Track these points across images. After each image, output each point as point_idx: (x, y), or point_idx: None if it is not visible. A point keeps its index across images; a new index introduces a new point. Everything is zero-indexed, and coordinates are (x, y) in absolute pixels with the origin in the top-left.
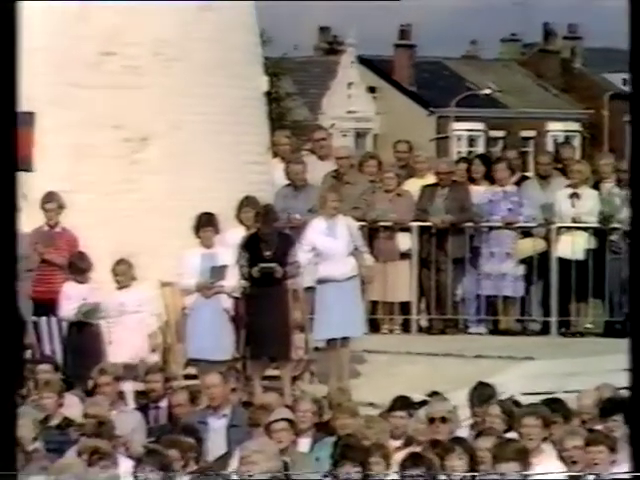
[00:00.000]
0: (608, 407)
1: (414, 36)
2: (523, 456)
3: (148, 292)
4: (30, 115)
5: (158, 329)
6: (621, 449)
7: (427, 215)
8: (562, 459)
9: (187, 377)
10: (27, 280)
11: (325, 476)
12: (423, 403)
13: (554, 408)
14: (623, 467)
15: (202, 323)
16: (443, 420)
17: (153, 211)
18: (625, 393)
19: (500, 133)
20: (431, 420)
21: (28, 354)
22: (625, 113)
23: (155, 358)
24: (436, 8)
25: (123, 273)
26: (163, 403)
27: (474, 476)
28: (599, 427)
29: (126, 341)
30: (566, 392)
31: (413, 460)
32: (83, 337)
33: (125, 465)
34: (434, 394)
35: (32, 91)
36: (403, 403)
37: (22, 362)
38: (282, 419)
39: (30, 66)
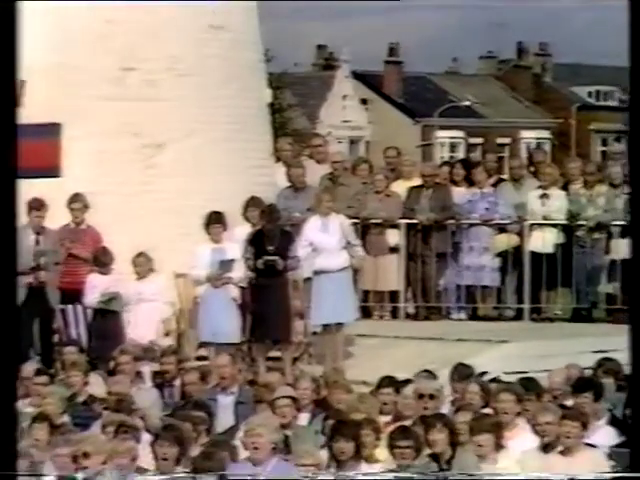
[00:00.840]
0: (579, 385)
1: (402, 53)
2: (497, 429)
3: (163, 283)
4: (57, 126)
5: (172, 316)
6: (591, 425)
7: (413, 213)
8: (536, 432)
9: (198, 358)
10: (55, 272)
11: (322, 446)
12: (407, 381)
13: (528, 386)
14: (591, 441)
15: (212, 310)
16: (431, 397)
17: (168, 210)
18: (591, 372)
19: (478, 140)
20: (420, 396)
21: (56, 338)
22: (590, 122)
23: (169, 342)
24: (421, 28)
25: (141, 265)
26: (177, 382)
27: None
28: (569, 403)
29: (143, 326)
30: (538, 372)
31: (401, 433)
32: (105, 322)
33: (144, 437)
34: (425, 372)
35: (60, 103)
36: (389, 381)
37: (51, 345)
38: (285, 396)
39: (58, 80)
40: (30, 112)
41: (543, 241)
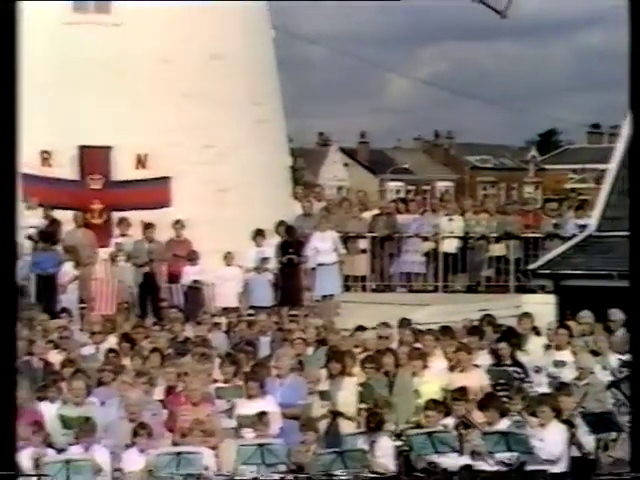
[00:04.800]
0: (471, 331)
1: (368, 136)
2: (424, 356)
3: (238, 270)
4: (168, 178)
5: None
6: (475, 355)
7: (375, 230)
8: (446, 359)
9: (249, 315)
10: (164, 265)
11: (321, 367)
12: (373, 328)
13: (444, 332)
14: (478, 362)
15: (257, 287)
16: (386, 337)
17: (233, 228)
18: (478, 323)
19: (412, 187)
20: (379, 337)
21: (165, 304)
22: (477, 177)
23: (232, 305)
24: (378, 124)
25: (229, 259)
26: (236, 329)
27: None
28: (466, 341)
29: (228, 295)
30: (448, 322)
31: (369, 359)
32: (193, 294)
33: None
34: (383, 323)
35: (168, 166)
36: (360, 328)
37: (159, 308)
38: (299, 337)
39: (167, 153)
40: (152, 172)
41: (450, 246)
